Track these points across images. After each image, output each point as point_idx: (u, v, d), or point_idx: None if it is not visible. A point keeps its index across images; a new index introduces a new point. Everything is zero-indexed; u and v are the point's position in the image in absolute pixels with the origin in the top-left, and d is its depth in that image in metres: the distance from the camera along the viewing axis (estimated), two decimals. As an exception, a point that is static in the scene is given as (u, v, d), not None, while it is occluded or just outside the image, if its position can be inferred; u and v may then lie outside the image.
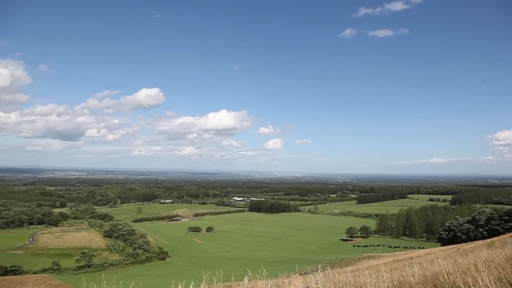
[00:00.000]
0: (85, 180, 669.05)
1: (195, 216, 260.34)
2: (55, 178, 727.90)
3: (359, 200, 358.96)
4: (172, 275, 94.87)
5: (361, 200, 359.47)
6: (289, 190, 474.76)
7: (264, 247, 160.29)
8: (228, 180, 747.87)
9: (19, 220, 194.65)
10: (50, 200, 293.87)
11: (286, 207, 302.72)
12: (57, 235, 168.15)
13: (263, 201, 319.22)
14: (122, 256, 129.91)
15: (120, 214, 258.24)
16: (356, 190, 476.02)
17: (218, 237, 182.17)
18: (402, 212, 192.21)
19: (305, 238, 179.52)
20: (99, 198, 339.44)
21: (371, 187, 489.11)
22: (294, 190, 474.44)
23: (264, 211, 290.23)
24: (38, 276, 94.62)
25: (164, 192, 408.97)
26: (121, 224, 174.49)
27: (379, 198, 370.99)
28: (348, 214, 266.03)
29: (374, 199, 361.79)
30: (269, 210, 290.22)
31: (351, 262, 79.68)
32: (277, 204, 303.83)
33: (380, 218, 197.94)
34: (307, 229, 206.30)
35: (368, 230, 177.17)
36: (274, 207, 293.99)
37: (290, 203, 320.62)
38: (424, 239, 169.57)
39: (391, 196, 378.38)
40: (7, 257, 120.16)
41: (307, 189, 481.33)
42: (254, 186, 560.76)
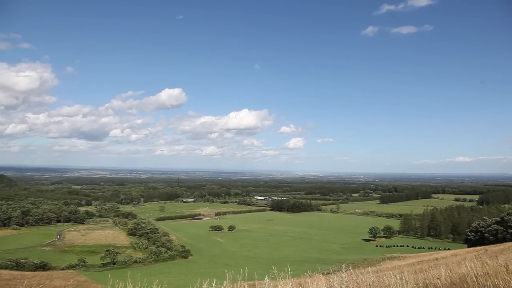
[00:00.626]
0: (109, 179, 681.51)
1: (217, 215, 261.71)
2: (81, 177, 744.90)
3: (382, 200, 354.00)
4: (195, 273, 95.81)
5: (384, 199, 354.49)
6: (310, 189, 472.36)
7: (285, 246, 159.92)
8: (250, 179, 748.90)
9: (48, 218, 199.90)
10: (76, 199, 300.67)
11: (308, 207, 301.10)
12: (83, 233, 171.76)
13: (284, 201, 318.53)
14: (145, 254, 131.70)
15: (143, 212, 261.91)
16: (379, 190, 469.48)
17: (240, 236, 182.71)
18: (427, 212, 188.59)
19: (327, 237, 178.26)
20: (123, 197, 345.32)
21: (394, 187, 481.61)
22: (316, 189, 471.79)
23: (285, 211, 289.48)
24: (65, 272, 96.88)
25: (186, 191, 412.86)
26: (144, 223, 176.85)
27: (403, 197, 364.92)
28: (371, 214, 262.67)
29: (398, 199, 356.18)
30: (290, 209, 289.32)
31: (374, 263, 78.69)
32: (298, 203, 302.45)
33: (404, 218, 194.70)
34: (329, 228, 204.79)
35: (391, 230, 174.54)
36: (296, 207, 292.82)
37: (312, 203, 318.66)
38: (450, 240, 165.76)
39: (415, 196, 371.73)
40: (37, 254, 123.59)
41: (329, 188, 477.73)
42: (276, 185, 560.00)
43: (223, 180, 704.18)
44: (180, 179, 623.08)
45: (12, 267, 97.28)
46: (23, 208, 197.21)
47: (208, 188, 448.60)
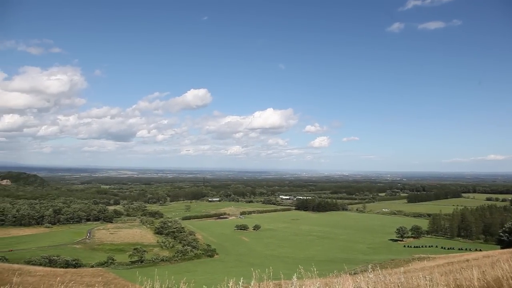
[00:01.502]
0: (136, 179, 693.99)
1: (242, 214, 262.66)
2: (109, 177, 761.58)
3: (410, 199, 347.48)
4: (220, 272, 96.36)
5: (412, 199, 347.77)
6: (336, 188, 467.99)
7: (311, 246, 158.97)
8: (275, 179, 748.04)
9: (78, 217, 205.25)
10: (105, 198, 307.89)
11: (333, 206, 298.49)
12: (112, 231, 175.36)
13: (310, 200, 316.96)
14: (172, 252, 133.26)
15: (169, 211, 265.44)
16: (406, 189, 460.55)
17: (265, 236, 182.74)
18: (457, 212, 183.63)
19: (353, 237, 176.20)
20: (149, 196, 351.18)
21: (422, 186, 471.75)
22: (342, 188, 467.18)
23: (311, 210, 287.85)
24: (95, 270, 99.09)
25: (211, 191, 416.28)
26: (171, 222, 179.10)
27: (431, 197, 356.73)
28: (398, 213, 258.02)
29: (426, 198, 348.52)
30: (316, 208, 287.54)
31: (401, 263, 77.24)
32: (324, 202, 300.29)
33: (433, 218, 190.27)
34: (355, 228, 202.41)
35: (419, 230, 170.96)
36: (321, 206, 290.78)
37: (338, 202, 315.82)
38: (481, 241, 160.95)
39: (444, 195, 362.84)
40: (68, 251, 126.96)
41: (354, 187, 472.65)
42: (301, 185, 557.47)
43: (248, 179, 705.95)
44: (205, 179, 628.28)
45: (45, 264, 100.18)
46: (55, 207, 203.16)
47: (233, 187, 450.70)
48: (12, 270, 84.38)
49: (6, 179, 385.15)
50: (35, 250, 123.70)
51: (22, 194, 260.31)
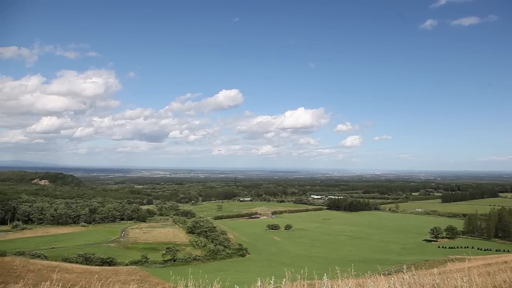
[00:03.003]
0: (169, 179, 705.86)
1: (273, 214, 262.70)
2: (142, 177, 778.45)
3: (444, 199, 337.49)
4: (252, 271, 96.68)
5: (446, 198, 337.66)
6: (368, 188, 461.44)
7: (343, 246, 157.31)
8: (306, 178, 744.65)
9: (112, 216, 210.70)
10: (138, 198, 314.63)
11: (366, 206, 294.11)
12: (145, 231, 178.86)
13: (341, 199, 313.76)
14: (204, 251, 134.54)
15: (201, 211, 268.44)
16: (440, 188, 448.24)
17: (297, 235, 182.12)
18: (494, 212, 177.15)
19: (386, 237, 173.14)
20: (182, 196, 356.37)
21: (457, 185, 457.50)
22: (374, 188, 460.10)
23: (342, 210, 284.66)
24: (129, 268, 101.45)
25: (243, 190, 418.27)
26: (203, 221, 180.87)
27: (467, 196, 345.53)
28: (432, 213, 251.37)
29: (461, 198, 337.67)
30: (348, 208, 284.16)
31: (436, 264, 75.29)
32: (356, 202, 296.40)
33: (468, 218, 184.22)
34: (388, 228, 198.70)
35: (454, 230, 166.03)
36: (353, 206, 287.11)
37: (370, 202, 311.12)
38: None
39: (480, 195, 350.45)
40: (103, 249, 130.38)
41: (387, 187, 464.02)
42: (332, 184, 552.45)
43: (279, 179, 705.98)
44: (237, 179, 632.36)
45: (82, 262, 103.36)
46: (91, 207, 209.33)
47: (265, 187, 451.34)
48: (51, 267, 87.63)
49: (45, 179, 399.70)
50: (72, 248, 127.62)
51: (59, 194, 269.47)
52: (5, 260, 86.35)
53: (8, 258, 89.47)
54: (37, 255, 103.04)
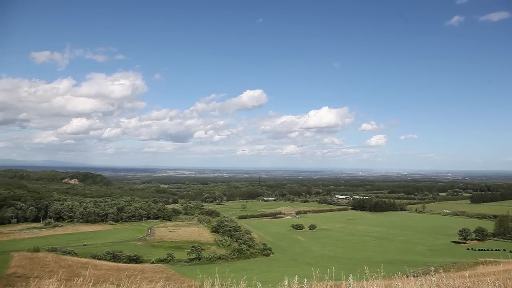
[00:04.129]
0: (194, 178, 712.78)
1: (297, 213, 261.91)
2: (168, 176, 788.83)
3: (473, 199, 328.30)
4: (276, 271, 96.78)
5: (475, 199, 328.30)
6: (394, 188, 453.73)
7: (368, 246, 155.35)
8: (330, 178, 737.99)
9: (139, 215, 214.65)
10: (164, 197, 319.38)
11: (391, 206, 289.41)
12: (171, 229, 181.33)
13: (366, 199, 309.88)
14: (228, 250, 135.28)
15: (226, 210, 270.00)
16: (469, 188, 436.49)
17: (321, 235, 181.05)
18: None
19: (412, 238, 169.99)
20: (206, 195, 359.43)
21: (487, 185, 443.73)
22: (400, 188, 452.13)
23: (367, 210, 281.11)
24: (155, 266, 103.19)
25: (267, 190, 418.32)
26: (227, 221, 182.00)
27: (497, 197, 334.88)
28: (461, 214, 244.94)
29: (491, 199, 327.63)
30: (373, 208, 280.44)
31: (465, 267, 73.68)
32: (381, 202, 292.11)
33: (499, 219, 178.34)
34: (414, 229, 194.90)
35: (484, 232, 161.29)
36: (378, 206, 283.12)
37: (395, 202, 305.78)
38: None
39: (511, 195, 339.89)
40: (130, 247, 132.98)
41: (413, 187, 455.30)
42: (357, 184, 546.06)
43: (303, 179, 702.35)
44: (261, 178, 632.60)
45: (110, 259, 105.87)
46: (118, 206, 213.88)
47: (289, 187, 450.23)
48: (81, 263, 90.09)
49: (74, 179, 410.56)
50: (100, 246, 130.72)
51: (88, 193, 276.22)
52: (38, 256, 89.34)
53: (42, 254, 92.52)
54: (68, 252, 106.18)
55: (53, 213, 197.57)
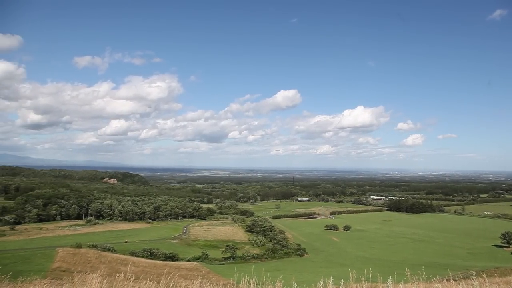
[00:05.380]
0: (228, 178, 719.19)
1: (331, 214, 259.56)
2: (202, 176, 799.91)
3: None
4: (310, 271, 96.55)
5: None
6: (431, 189, 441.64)
7: (404, 248, 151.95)
8: (365, 178, 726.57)
9: (175, 214, 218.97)
10: (199, 197, 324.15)
11: (429, 207, 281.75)
12: (205, 228, 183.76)
13: (402, 200, 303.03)
14: (262, 250, 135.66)
15: (260, 210, 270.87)
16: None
17: (355, 236, 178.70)
18: None
19: (451, 241, 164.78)
20: (240, 195, 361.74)
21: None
22: (438, 189, 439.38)
23: (404, 211, 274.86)
24: (190, 264, 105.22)
25: (301, 190, 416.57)
26: (261, 220, 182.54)
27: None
28: (503, 217, 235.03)
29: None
30: (409, 209, 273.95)
31: (509, 272, 71.02)
32: (418, 203, 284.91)
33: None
34: (453, 231, 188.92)
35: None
36: (415, 207, 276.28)
37: (433, 203, 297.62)
38: None
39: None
40: (166, 245, 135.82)
41: (452, 188, 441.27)
42: (393, 185, 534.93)
43: (337, 179, 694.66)
44: (295, 178, 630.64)
45: (147, 256, 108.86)
46: (155, 204, 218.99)
47: (323, 187, 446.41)
48: (120, 260, 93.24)
49: (113, 178, 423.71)
50: (138, 244, 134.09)
51: (126, 192, 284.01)
52: (81, 252, 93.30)
53: (83, 250, 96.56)
54: (107, 248, 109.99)
55: (94, 211, 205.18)
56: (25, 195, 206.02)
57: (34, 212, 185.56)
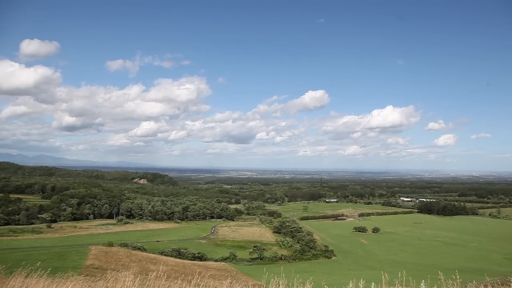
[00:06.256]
0: (255, 179, 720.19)
1: (360, 216, 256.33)
2: (230, 177, 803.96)
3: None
4: (338, 273, 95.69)
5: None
6: (464, 190, 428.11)
7: (436, 252, 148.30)
8: (395, 180, 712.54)
9: (203, 214, 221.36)
10: (226, 197, 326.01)
11: (462, 210, 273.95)
12: (233, 229, 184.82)
13: (434, 202, 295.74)
14: (290, 251, 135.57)
15: (287, 211, 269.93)
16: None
17: (385, 239, 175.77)
18: None
19: (486, 245, 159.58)
20: (268, 196, 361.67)
21: None
22: (471, 190, 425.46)
23: (435, 213, 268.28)
24: (218, 264, 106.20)
25: (329, 191, 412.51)
26: (289, 221, 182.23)
27: None
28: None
29: None
30: (441, 212, 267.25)
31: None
32: (450, 205, 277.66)
33: None
34: (488, 235, 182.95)
35: None
36: (447, 209, 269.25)
37: (466, 205, 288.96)
38: None
39: None
40: (195, 245, 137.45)
41: (486, 189, 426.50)
42: (423, 186, 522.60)
43: (366, 180, 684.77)
44: (322, 179, 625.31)
45: (176, 256, 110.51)
46: (183, 205, 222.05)
47: (351, 188, 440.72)
48: (149, 258, 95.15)
49: (143, 179, 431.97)
50: (167, 243, 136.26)
51: (156, 192, 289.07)
52: (112, 250, 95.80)
53: (115, 248, 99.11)
54: (138, 247, 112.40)
55: (125, 210, 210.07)
56: (60, 195, 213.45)
57: (68, 211, 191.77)
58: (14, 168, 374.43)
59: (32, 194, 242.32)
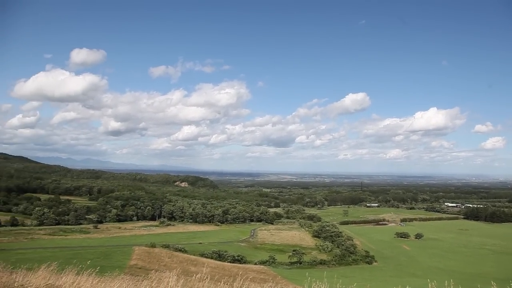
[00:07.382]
0: (295, 183, 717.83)
1: (402, 221, 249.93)
2: (270, 181, 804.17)
3: None
4: (379, 280, 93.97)
5: None
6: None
7: (484, 261, 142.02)
8: (439, 184, 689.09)
9: (242, 217, 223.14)
10: (266, 201, 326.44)
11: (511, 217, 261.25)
12: (273, 232, 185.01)
13: (481, 208, 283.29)
14: (329, 256, 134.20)
15: (327, 216, 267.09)
16: None
17: (428, 245, 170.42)
18: None
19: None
20: (307, 200, 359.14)
21: None
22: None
23: (482, 220, 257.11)
24: (257, 267, 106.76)
25: (369, 196, 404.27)
26: (328, 226, 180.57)
27: None
28: None
29: None
30: (489, 218, 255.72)
31: None
32: (499, 212, 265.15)
33: None
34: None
35: None
36: (496, 216, 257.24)
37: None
38: None
39: None
40: (234, 248, 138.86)
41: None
42: (470, 191, 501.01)
43: (408, 184, 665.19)
44: (363, 183, 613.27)
45: (215, 258, 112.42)
46: (223, 208, 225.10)
47: (393, 193, 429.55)
48: (190, 260, 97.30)
49: (184, 182, 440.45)
50: (206, 245, 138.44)
51: (197, 195, 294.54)
52: (155, 251, 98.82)
53: (157, 250, 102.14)
54: (179, 249, 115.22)
55: (166, 213, 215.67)
56: (106, 197, 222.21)
57: (113, 212, 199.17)
58: (64, 171, 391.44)
59: (80, 196, 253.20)
